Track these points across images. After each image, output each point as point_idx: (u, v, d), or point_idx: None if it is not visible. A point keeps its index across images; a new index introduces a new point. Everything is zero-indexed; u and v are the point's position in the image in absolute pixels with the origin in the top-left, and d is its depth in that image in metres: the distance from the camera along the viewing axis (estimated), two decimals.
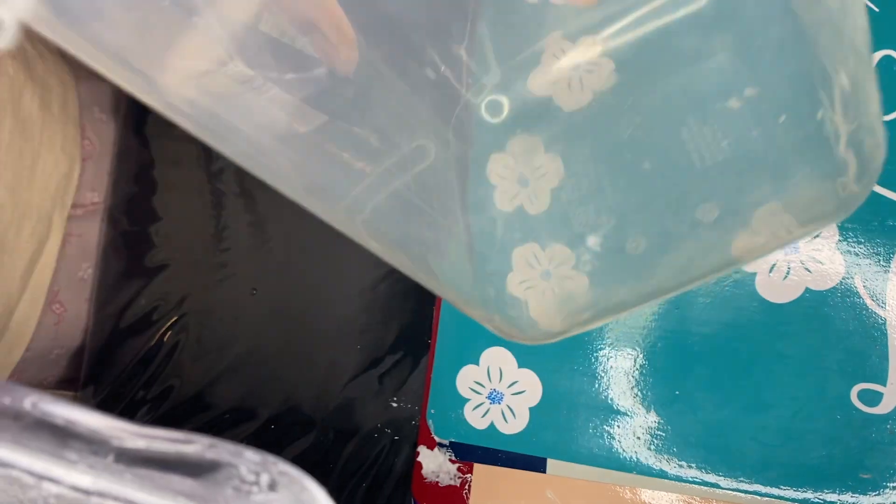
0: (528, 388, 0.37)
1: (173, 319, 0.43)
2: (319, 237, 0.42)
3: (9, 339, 0.40)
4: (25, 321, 0.40)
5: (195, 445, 0.19)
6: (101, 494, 0.18)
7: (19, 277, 0.39)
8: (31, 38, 0.39)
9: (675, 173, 0.27)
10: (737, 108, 0.25)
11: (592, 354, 0.36)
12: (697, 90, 0.26)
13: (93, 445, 0.19)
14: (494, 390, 0.37)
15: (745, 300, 0.34)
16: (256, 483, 0.19)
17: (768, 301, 0.34)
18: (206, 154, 0.44)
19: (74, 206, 0.41)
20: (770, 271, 0.34)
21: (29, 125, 0.37)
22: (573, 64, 0.29)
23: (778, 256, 0.34)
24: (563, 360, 0.36)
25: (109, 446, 0.19)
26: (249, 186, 0.44)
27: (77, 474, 0.18)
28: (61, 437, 0.19)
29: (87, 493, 0.19)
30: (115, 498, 0.18)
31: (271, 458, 0.19)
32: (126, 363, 0.43)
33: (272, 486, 0.19)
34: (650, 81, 0.28)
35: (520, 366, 0.37)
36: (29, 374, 0.43)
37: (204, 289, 0.43)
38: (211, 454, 0.19)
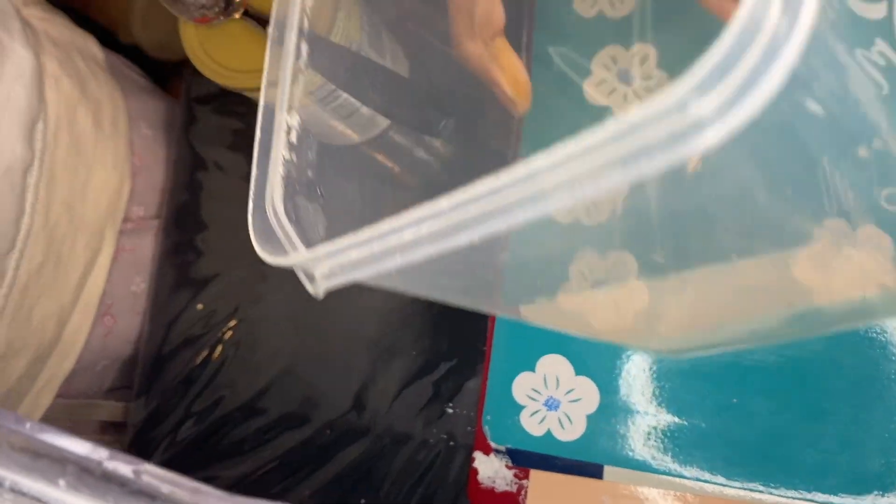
0: (585, 395, 0.37)
1: (226, 328, 0.43)
2: None
3: (61, 349, 0.40)
4: (77, 332, 0.40)
5: None
6: None
7: (72, 290, 0.39)
8: (83, 56, 0.38)
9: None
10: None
11: (649, 363, 0.36)
12: None
13: None
14: (551, 397, 0.37)
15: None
16: None
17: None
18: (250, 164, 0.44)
19: (124, 220, 0.41)
20: None
21: (83, 142, 0.36)
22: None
23: None
24: (620, 368, 0.36)
25: None
26: None
27: None
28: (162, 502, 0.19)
29: None
30: None
31: None
32: (179, 372, 0.43)
33: None
34: None
35: (577, 373, 0.37)
36: (76, 385, 0.43)
37: (253, 299, 0.43)
38: None
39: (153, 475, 0.19)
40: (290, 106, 0.20)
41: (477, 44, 0.25)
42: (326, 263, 0.17)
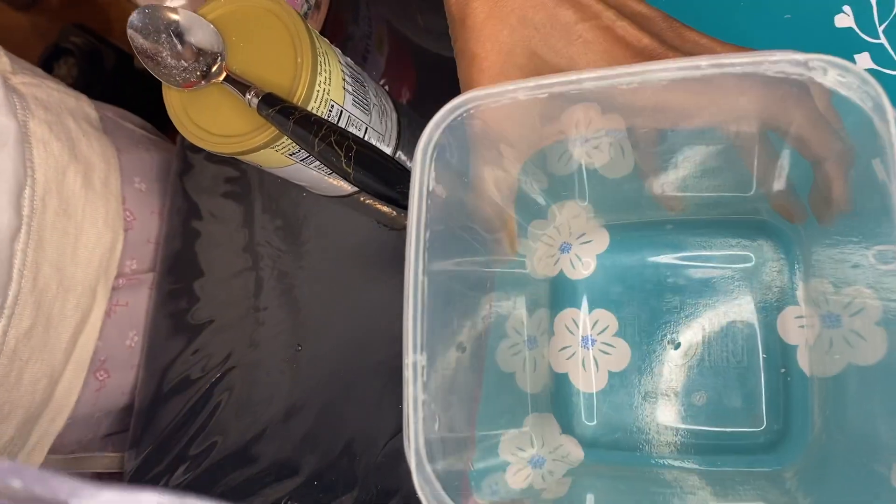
0: (570, 452, 0.36)
1: (218, 375, 0.42)
2: (360, 299, 0.41)
3: (52, 408, 0.39)
4: (69, 391, 0.39)
5: None
6: None
7: (63, 350, 0.38)
8: (75, 117, 0.37)
9: None
10: None
11: (634, 424, 0.35)
12: None
13: None
14: (536, 455, 0.36)
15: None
16: None
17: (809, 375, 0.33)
18: (248, 214, 0.44)
19: (117, 276, 0.40)
20: (811, 345, 0.33)
21: (72, 203, 0.36)
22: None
23: (819, 330, 0.33)
24: (605, 429, 0.36)
25: None
26: (283, 246, 0.43)
27: None
28: None
29: None
30: None
31: None
32: (174, 417, 0.43)
33: None
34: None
35: (562, 432, 0.36)
36: (70, 436, 0.42)
37: (248, 345, 0.43)
38: None
39: None
40: (421, 346, 0.20)
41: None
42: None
